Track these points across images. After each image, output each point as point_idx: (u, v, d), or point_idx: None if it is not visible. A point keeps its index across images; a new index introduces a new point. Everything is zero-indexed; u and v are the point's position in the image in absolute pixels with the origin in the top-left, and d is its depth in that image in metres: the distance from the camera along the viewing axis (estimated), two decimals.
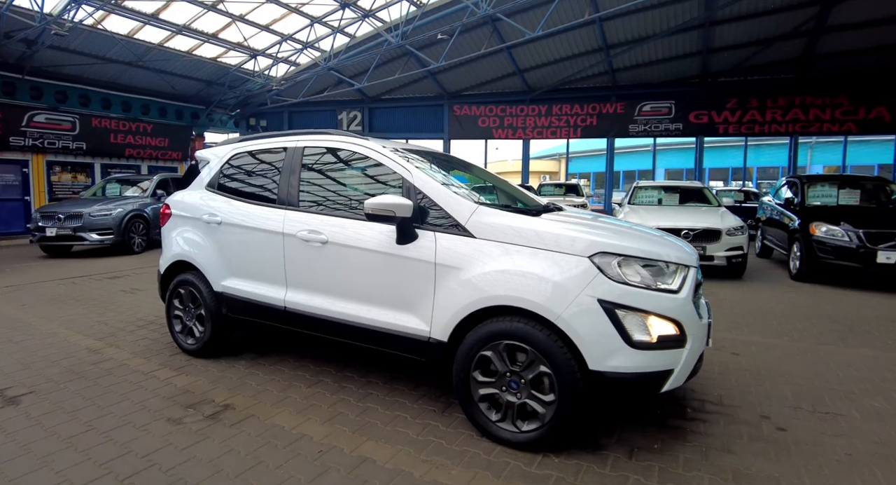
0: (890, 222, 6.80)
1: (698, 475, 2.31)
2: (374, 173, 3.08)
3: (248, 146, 3.69)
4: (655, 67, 16.40)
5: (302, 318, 3.14)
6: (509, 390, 2.49)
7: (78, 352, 3.90)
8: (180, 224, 3.85)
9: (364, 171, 3.14)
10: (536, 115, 18.07)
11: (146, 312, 5.17)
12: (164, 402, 3.00)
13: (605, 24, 14.23)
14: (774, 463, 2.44)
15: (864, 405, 3.11)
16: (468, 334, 2.55)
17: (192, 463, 2.34)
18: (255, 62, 15.45)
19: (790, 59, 15.26)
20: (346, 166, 3.24)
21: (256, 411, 2.88)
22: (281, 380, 3.35)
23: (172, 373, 3.46)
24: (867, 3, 12.59)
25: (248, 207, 3.45)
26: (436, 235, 2.67)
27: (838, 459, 2.49)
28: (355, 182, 3.19)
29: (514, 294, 2.40)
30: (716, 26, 14.07)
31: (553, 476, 2.28)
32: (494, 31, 14.49)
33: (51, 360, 3.72)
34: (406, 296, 2.74)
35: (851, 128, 15.70)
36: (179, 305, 3.84)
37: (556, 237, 2.47)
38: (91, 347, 4.00)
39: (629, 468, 2.36)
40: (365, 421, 2.78)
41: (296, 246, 3.12)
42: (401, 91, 18.45)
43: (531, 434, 2.44)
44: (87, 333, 4.42)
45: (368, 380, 3.36)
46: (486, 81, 17.67)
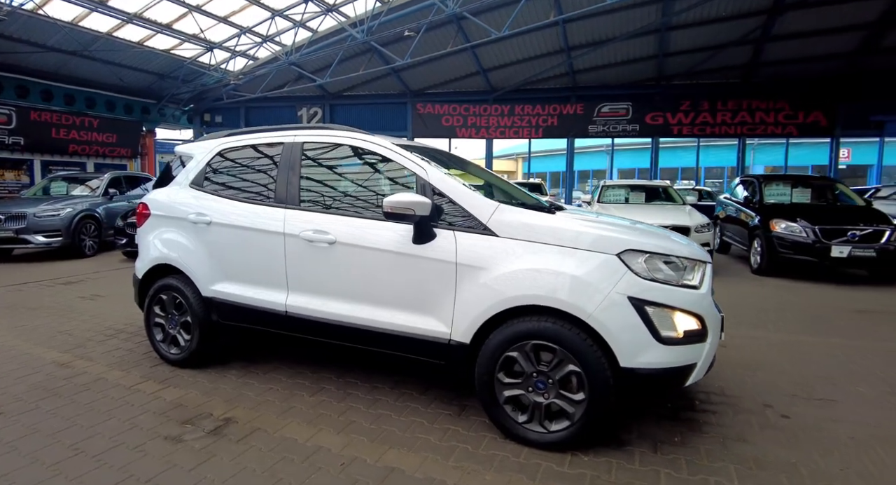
0: (840, 219, 7.27)
1: (724, 466, 2.36)
2: (383, 171, 2.97)
3: (237, 141, 3.47)
4: (614, 70, 16.90)
5: (305, 322, 2.99)
6: (536, 390, 2.46)
7: (44, 366, 3.56)
8: (161, 225, 3.59)
9: (373, 168, 3.03)
10: (499, 114, 18.23)
11: (113, 319, 4.82)
12: (157, 418, 2.78)
13: (568, 26, 14.52)
14: (788, 449, 2.53)
15: (852, 391, 3.28)
16: (492, 335, 2.50)
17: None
18: (211, 55, 14.78)
19: (738, 65, 16.08)
20: (353, 163, 3.11)
21: (262, 424, 2.71)
22: (280, 389, 3.18)
23: (158, 386, 3.22)
24: (807, 16, 13.45)
25: (241, 206, 3.25)
26: (455, 234, 2.59)
27: (843, 442, 2.61)
28: (364, 180, 3.07)
29: (543, 293, 2.37)
30: (671, 31, 14.64)
31: (587, 475, 2.27)
32: (460, 30, 14.49)
33: (14, 376, 3.38)
34: (424, 297, 2.65)
35: (792, 131, 16.73)
36: (161, 312, 3.59)
37: (582, 235, 2.46)
38: (58, 361, 3.66)
39: (657, 462, 2.38)
40: (381, 429, 2.67)
41: (299, 247, 2.96)
42: (363, 88, 18.16)
43: (560, 434, 2.42)
44: (51, 344, 4.06)
45: (374, 386, 3.24)
46: (449, 80, 17.66)
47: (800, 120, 16.58)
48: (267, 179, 3.25)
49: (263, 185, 3.26)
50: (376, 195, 2.91)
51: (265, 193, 3.22)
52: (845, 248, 6.88)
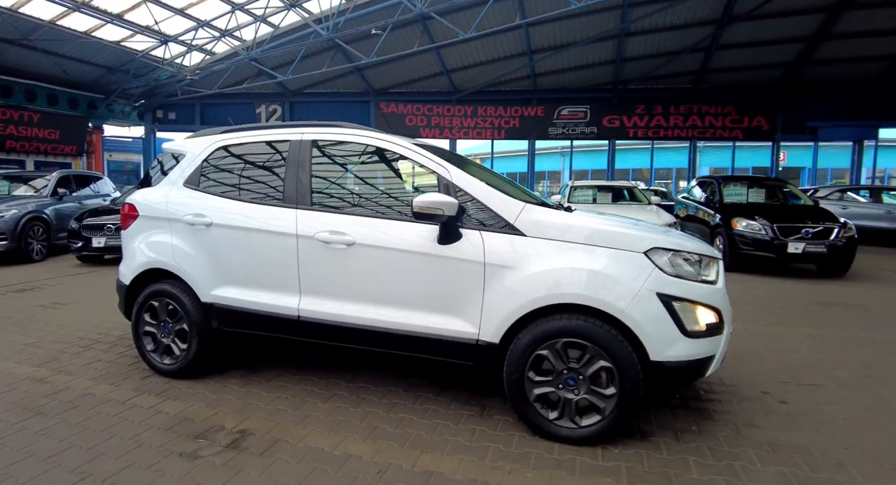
0: (795, 217, 7.79)
1: (743, 451, 2.49)
2: (402, 170, 2.93)
3: (237, 138, 3.32)
4: (573, 73, 17.37)
5: (320, 327, 2.90)
6: (566, 387, 2.50)
7: (18, 383, 3.26)
8: (151, 227, 3.38)
9: (391, 168, 2.98)
10: (463, 115, 18.34)
11: (83, 329, 4.50)
12: (164, 434, 2.61)
13: (531, 30, 14.80)
14: (794, 432, 2.70)
15: (833, 376, 3.53)
16: (521, 334, 2.52)
17: None
18: (166, 49, 14.04)
19: (690, 71, 16.90)
20: (369, 163, 3.05)
21: (281, 434, 2.61)
22: (290, 397, 3.07)
23: (156, 399, 3.03)
24: (752, 27, 14.33)
25: (246, 206, 3.10)
26: (482, 234, 2.60)
27: (840, 423, 2.81)
28: (381, 180, 3.01)
29: (578, 292, 2.41)
30: (629, 37, 15.21)
31: (622, 467, 2.33)
32: (425, 30, 14.48)
33: None
34: (450, 298, 2.63)
35: (738, 135, 17.75)
36: (152, 320, 3.37)
37: (610, 234, 2.52)
38: (34, 377, 3.37)
39: (682, 451, 2.48)
40: (407, 433, 2.63)
41: (313, 248, 2.87)
42: (325, 86, 17.80)
43: (592, 428, 2.47)
44: (19, 359, 3.72)
45: (388, 389, 3.18)
46: (413, 80, 17.60)
47: (745, 124, 17.61)
48: (273, 179, 3.13)
49: (269, 184, 3.13)
50: (396, 195, 2.87)
51: (272, 192, 3.10)
52: (800, 244, 7.37)
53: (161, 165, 3.68)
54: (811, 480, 2.27)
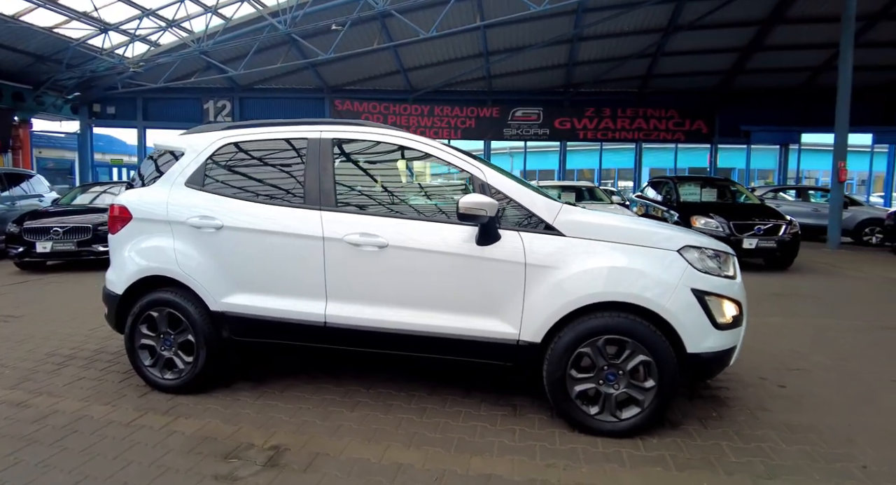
0: (746, 215, 8.37)
1: (766, 433, 2.66)
2: (432, 171, 2.90)
3: (245, 135, 3.13)
4: (527, 76, 17.78)
5: (349, 333, 2.80)
6: (606, 382, 2.57)
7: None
8: (148, 231, 3.13)
9: (421, 168, 2.93)
10: (419, 114, 18.32)
11: (52, 344, 4.09)
12: (188, 457, 2.40)
13: (489, 32, 14.98)
14: (802, 413, 2.92)
15: (815, 361, 3.83)
16: (562, 333, 2.55)
17: None
18: (105, 38, 13.01)
19: (636, 76, 17.73)
20: (397, 163, 2.98)
21: (318, 448, 2.49)
22: (312, 407, 2.93)
23: (165, 418, 2.79)
24: (694, 36, 15.23)
25: (261, 208, 2.94)
26: (521, 234, 2.61)
27: (837, 403, 3.08)
28: (411, 180, 2.96)
29: (622, 290, 2.48)
30: (581, 42, 15.74)
31: (666, 455, 2.42)
32: (383, 28, 14.33)
33: None
34: (490, 299, 2.63)
35: (680, 137, 18.83)
36: (149, 332, 3.11)
37: (646, 234, 2.62)
38: (10, 400, 3.02)
39: (713, 437, 2.62)
40: (449, 437, 2.59)
41: (342, 251, 2.76)
42: (277, 81, 17.20)
43: (632, 421, 2.55)
44: None
45: (411, 394, 3.12)
46: (369, 77, 17.37)
47: (686, 127, 18.70)
48: (291, 178, 2.99)
49: (287, 184, 2.99)
50: (428, 196, 2.83)
51: (291, 193, 2.95)
52: (753, 240, 7.94)
53: (154, 163, 3.43)
54: (830, 455, 2.45)
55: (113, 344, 4.05)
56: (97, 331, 4.43)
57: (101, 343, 4.11)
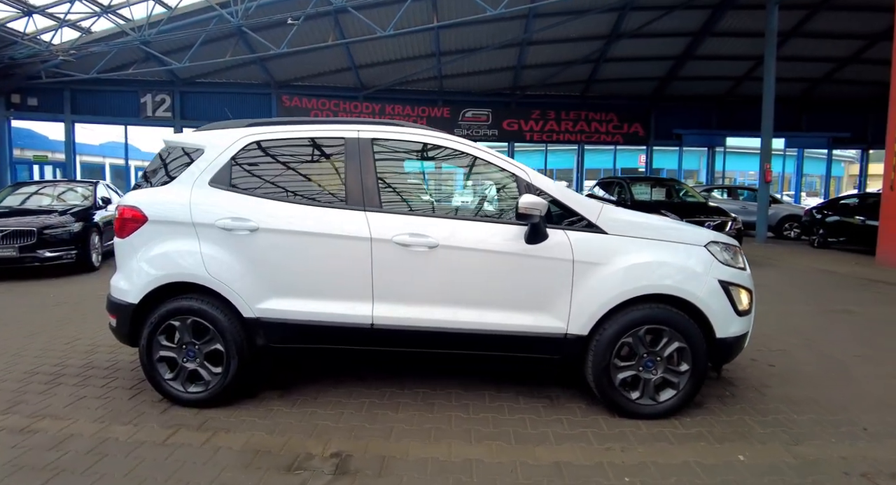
0: (695, 213, 9.08)
1: (776, 406, 2.99)
2: (474, 172, 2.98)
3: (274, 133, 3.03)
4: (477, 77, 18.11)
5: (398, 334, 2.81)
6: (645, 369, 2.78)
7: None
8: (168, 233, 2.95)
9: (463, 169, 3.00)
10: (370, 113, 18.12)
11: (28, 361, 3.71)
12: (249, 472, 2.30)
13: (442, 32, 15.13)
14: (798, 388, 3.28)
15: (789, 343, 4.28)
16: (607, 325, 2.72)
17: None
18: (29, 21, 11.80)
19: (580, 81, 18.56)
20: (438, 163, 3.03)
21: (382, 451, 2.49)
22: (354, 412, 2.90)
23: (202, 434, 2.65)
24: (634, 44, 16.21)
25: (301, 209, 2.87)
26: (567, 233, 2.76)
27: (824, 378, 3.49)
28: (455, 181, 3.02)
29: (662, 282, 2.70)
30: (530, 46, 16.28)
31: (703, 431, 2.67)
32: (337, 25, 14.08)
33: None
34: (539, 295, 2.75)
35: (619, 139, 19.92)
36: (170, 343, 2.93)
37: (678, 231, 2.85)
38: (9, 427, 2.72)
39: (734, 412, 2.91)
40: (504, 431, 2.68)
41: (390, 252, 2.76)
42: (221, 75, 16.39)
43: (669, 403, 2.77)
44: None
45: (448, 392, 3.17)
46: (318, 73, 16.99)
47: (624, 130, 19.82)
48: (329, 179, 2.96)
49: (326, 185, 2.95)
50: (475, 197, 2.91)
51: (331, 194, 2.92)
52: None
53: (165, 162, 3.26)
54: (835, 422, 2.80)
55: (100, 358, 3.78)
56: (74, 345, 4.10)
57: (86, 358, 3.81)
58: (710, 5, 14.35)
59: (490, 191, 2.96)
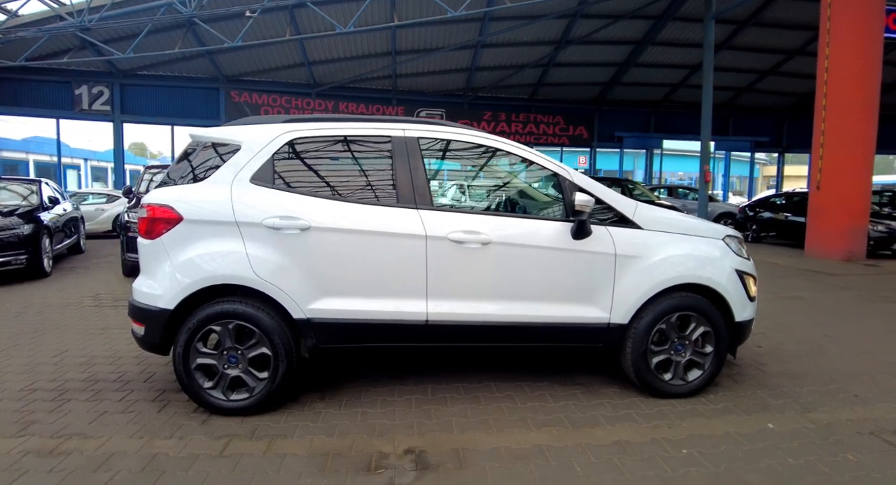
0: None
1: (778, 380, 3.38)
2: (519, 171, 3.12)
3: (314, 130, 2.99)
4: (431, 78, 18.27)
5: (452, 329, 2.89)
6: (676, 352, 3.06)
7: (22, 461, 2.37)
8: (207, 233, 2.83)
9: (509, 168, 3.13)
10: (323, 110, 17.80)
11: (16, 378, 3.38)
12: (330, 477, 2.25)
13: (398, 31, 15.15)
14: (790, 364, 3.71)
15: (765, 326, 4.70)
16: (644, 313, 2.96)
17: None
18: None
19: (529, 84, 19.19)
20: (486, 163, 3.14)
21: (452, 444, 2.54)
22: (405, 408, 2.94)
23: (258, 443, 2.56)
24: (581, 50, 17.00)
25: (352, 207, 2.87)
26: (608, 229, 2.98)
27: (804, 355, 3.92)
28: (502, 180, 3.14)
29: (694, 273, 2.97)
30: (484, 49, 16.64)
31: (729, 405, 2.98)
32: (292, 19, 13.72)
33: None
34: (585, 288, 2.94)
35: (565, 141, 20.79)
36: (208, 349, 2.83)
37: (698, 225, 3.15)
38: (34, 450, 2.47)
39: (746, 388, 3.27)
40: (556, 417, 2.83)
41: (444, 249, 2.84)
42: (165, 67, 15.47)
43: (696, 382, 3.06)
44: None
45: (486, 384, 3.28)
46: (270, 69, 16.46)
47: (570, 132, 20.72)
48: (377, 177, 3.00)
49: (373, 183, 2.99)
50: (522, 195, 3.06)
51: (380, 192, 2.96)
52: None
53: (192, 158, 3.14)
54: (829, 391, 3.21)
55: (102, 370, 3.54)
56: (64, 358, 3.79)
57: (85, 371, 3.53)
58: (652, 16, 15.33)
59: (535, 189, 3.12)
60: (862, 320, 5.09)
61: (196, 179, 3.02)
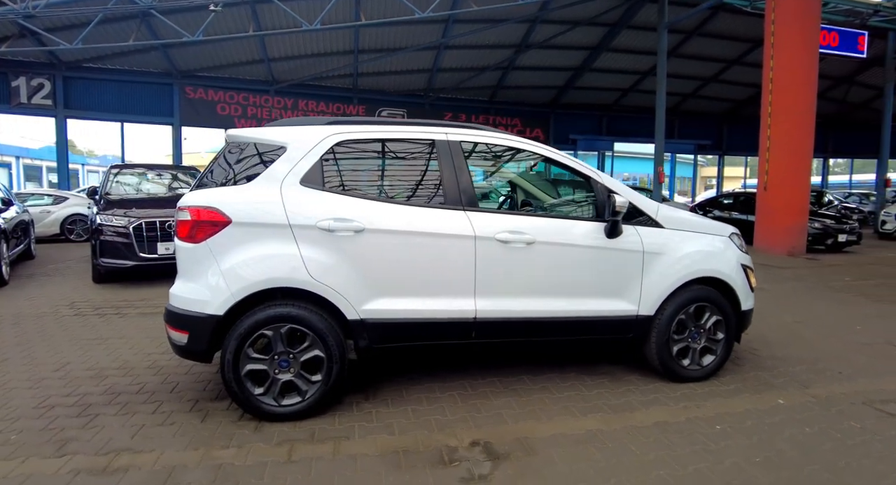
0: None
1: (773, 363, 3.75)
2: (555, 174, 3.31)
3: (360, 133, 3.04)
4: (393, 77, 18.25)
5: (497, 325, 3.04)
6: (693, 340, 3.36)
7: (77, 478, 2.30)
8: (258, 236, 2.80)
9: (544, 171, 3.31)
10: (282, 108, 17.42)
11: (24, 394, 3.19)
12: (409, 472, 2.35)
13: (362, 30, 15.06)
14: (777, 348, 4.11)
15: None
16: (666, 305, 3.24)
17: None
18: None
19: (489, 86, 19.56)
20: (521, 165, 3.31)
21: (513, 434, 2.69)
22: (451, 404, 3.04)
23: (324, 445, 2.58)
24: (540, 54, 17.53)
25: (403, 209, 2.95)
26: (636, 228, 3.24)
27: (783, 340, 4.35)
28: (540, 183, 3.32)
29: (709, 266, 3.28)
30: (447, 50, 16.83)
31: (740, 387, 3.31)
32: (254, 14, 13.34)
33: None
34: (618, 283, 3.18)
35: None
36: (259, 355, 2.79)
37: (708, 224, 3.47)
38: (84, 468, 2.38)
39: (749, 370, 3.63)
40: (595, 404, 3.04)
41: (491, 249, 2.98)
42: (114, 60, 14.57)
43: (710, 366, 3.38)
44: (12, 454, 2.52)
45: (518, 377, 3.45)
46: (227, 64, 15.89)
47: (527, 134, 21.23)
48: (425, 179, 3.09)
49: (419, 185, 3.09)
50: (561, 196, 3.25)
51: (427, 194, 3.06)
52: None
53: (230, 160, 3.12)
54: (816, 370, 3.62)
55: (119, 383, 3.38)
56: (68, 370, 3.61)
57: (99, 384, 3.37)
58: (608, 23, 16.06)
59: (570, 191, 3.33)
60: (820, 307, 5.69)
61: (238, 180, 3.01)
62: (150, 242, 6.61)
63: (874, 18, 13.80)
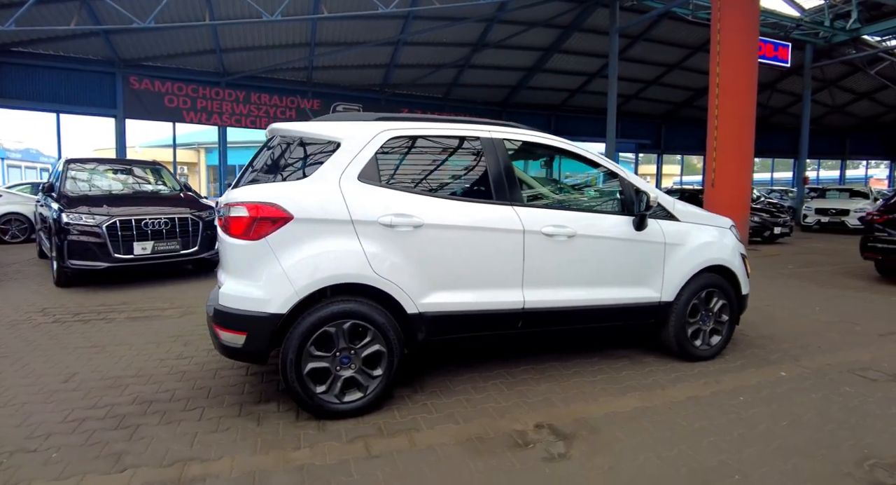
0: None
1: (764, 343, 4.19)
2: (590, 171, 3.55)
3: (410, 130, 3.10)
4: (349, 72, 17.99)
5: (543, 315, 3.22)
6: (703, 322, 3.73)
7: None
8: (320, 232, 2.78)
9: (580, 167, 3.54)
10: (234, 101, 16.74)
11: (40, 406, 3.01)
12: (490, 458, 2.46)
13: (320, 23, 14.76)
14: (765, 330, 4.58)
15: None
16: (683, 292, 3.58)
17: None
18: None
19: (444, 83, 19.72)
20: (554, 162, 3.50)
21: (570, 415, 2.87)
22: (498, 392, 3.19)
23: (398, 438, 2.64)
24: (495, 54, 17.91)
25: (457, 204, 3.04)
26: (658, 221, 3.55)
27: (767, 321, 4.85)
28: (577, 179, 3.52)
29: (717, 256, 3.66)
30: (405, 46, 16.83)
31: (745, 363, 3.72)
32: (208, 2, 12.75)
33: None
34: (644, 272, 3.47)
35: None
36: (321, 352, 2.79)
37: (712, 217, 3.84)
38: (159, 480, 2.29)
39: (745, 349, 4.06)
40: (628, 385, 3.30)
41: (538, 243, 3.16)
42: (48, 45, 13.37)
43: (718, 346, 3.77)
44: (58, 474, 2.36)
45: (549, 364, 3.67)
46: (175, 54, 15.03)
47: None
48: (473, 175, 3.22)
49: (469, 181, 3.21)
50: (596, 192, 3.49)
51: (477, 189, 3.18)
52: None
53: (274, 155, 3.10)
54: (802, 346, 4.10)
55: (147, 390, 3.26)
56: (80, 382, 3.40)
57: (124, 393, 3.22)
58: (562, 26, 16.68)
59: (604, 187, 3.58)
60: (781, 292, 6.35)
61: (290, 176, 2.97)
62: (125, 242, 6.28)
63: (796, 32, 15.28)
